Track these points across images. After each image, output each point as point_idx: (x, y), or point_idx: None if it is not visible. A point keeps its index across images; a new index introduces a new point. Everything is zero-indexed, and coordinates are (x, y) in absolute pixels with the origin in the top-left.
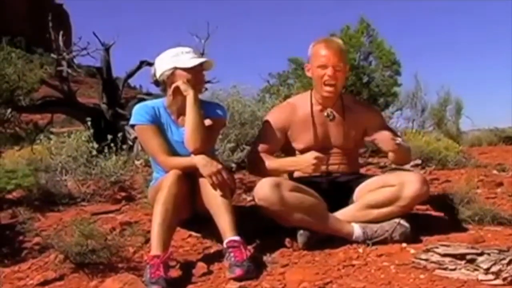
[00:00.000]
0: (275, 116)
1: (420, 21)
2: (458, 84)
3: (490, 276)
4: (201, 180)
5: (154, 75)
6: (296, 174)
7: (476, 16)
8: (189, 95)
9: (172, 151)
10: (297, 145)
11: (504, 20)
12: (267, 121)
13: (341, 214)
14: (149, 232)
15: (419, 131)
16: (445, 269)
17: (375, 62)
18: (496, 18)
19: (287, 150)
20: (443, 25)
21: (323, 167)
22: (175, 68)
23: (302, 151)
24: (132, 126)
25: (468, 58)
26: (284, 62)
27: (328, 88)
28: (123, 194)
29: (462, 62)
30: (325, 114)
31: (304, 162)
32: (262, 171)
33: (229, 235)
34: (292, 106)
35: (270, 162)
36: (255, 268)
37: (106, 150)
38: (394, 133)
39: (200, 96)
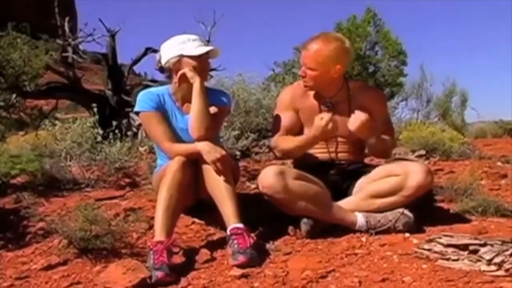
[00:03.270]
0: (286, 95)
1: (427, 11)
2: (464, 75)
3: (493, 267)
4: (204, 166)
5: (160, 61)
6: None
7: (482, 6)
8: (196, 82)
9: (177, 138)
10: (305, 130)
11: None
12: (279, 105)
13: (345, 203)
14: (152, 218)
15: (424, 122)
16: (447, 259)
17: (381, 52)
18: (503, 10)
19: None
20: (451, 15)
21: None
22: (182, 56)
23: None
24: (137, 112)
25: (475, 49)
26: (290, 51)
27: (303, 83)
28: (127, 180)
29: (469, 54)
30: (324, 104)
31: (316, 127)
32: (286, 153)
33: (232, 222)
34: (303, 88)
35: (290, 141)
36: (258, 255)
37: (110, 136)
38: (389, 128)
39: (206, 84)
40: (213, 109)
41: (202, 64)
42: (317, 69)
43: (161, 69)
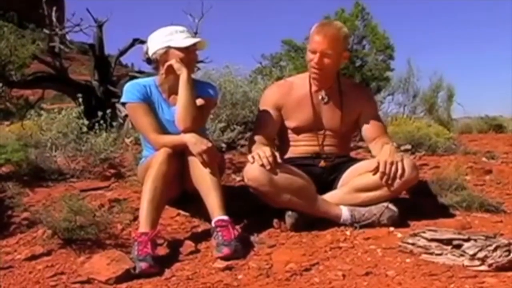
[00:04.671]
0: (271, 93)
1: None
2: (451, 70)
3: (476, 262)
4: (190, 158)
5: (147, 53)
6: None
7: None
8: (183, 74)
9: (163, 130)
10: (290, 123)
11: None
12: (263, 102)
13: (330, 196)
14: (137, 209)
15: (410, 117)
16: (431, 254)
17: (369, 46)
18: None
19: (280, 129)
20: (439, 11)
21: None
22: (169, 47)
23: (294, 130)
24: (123, 103)
25: (462, 44)
26: (278, 44)
27: (314, 70)
28: (113, 171)
29: (456, 49)
30: (320, 96)
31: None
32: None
33: (217, 214)
34: (290, 85)
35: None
36: (242, 247)
37: (96, 127)
38: (381, 125)
39: (193, 76)
40: (199, 101)
41: (189, 55)
42: (333, 55)
43: (148, 60)
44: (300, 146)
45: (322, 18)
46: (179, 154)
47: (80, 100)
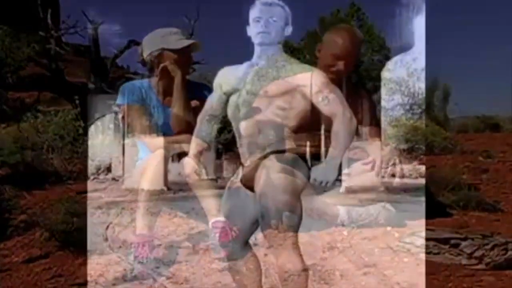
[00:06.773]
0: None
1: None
2: (447, 70)
3: (473, 261)
4: (186, 160)
5: (142, 54)
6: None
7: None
8: (177, 75)
9: (158, 132)
10: (289, 122)
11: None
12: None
13: (327, 197)
14: (134, 211)
15: (407, 116)
16: (429, 253)
17: (365, 46)
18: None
19: None
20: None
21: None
22: (163, 49)
23: (293, 129)
24: (119, 105)
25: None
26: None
27: (332, 76)
28: (109, 173)
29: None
30: (320, 98)
31: None
32: None
33: (214, 216)
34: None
35: None
36: (239, 249)
37: (92, 129)
38: (380, 126)
39: (188, 77)
40: (194, 103)
41: (183, 57)
42: (351, 59)
43: (143, 62)
44: (297, 146)
45: (317, 19)
46: (175, 156)
47: (77, 102)
